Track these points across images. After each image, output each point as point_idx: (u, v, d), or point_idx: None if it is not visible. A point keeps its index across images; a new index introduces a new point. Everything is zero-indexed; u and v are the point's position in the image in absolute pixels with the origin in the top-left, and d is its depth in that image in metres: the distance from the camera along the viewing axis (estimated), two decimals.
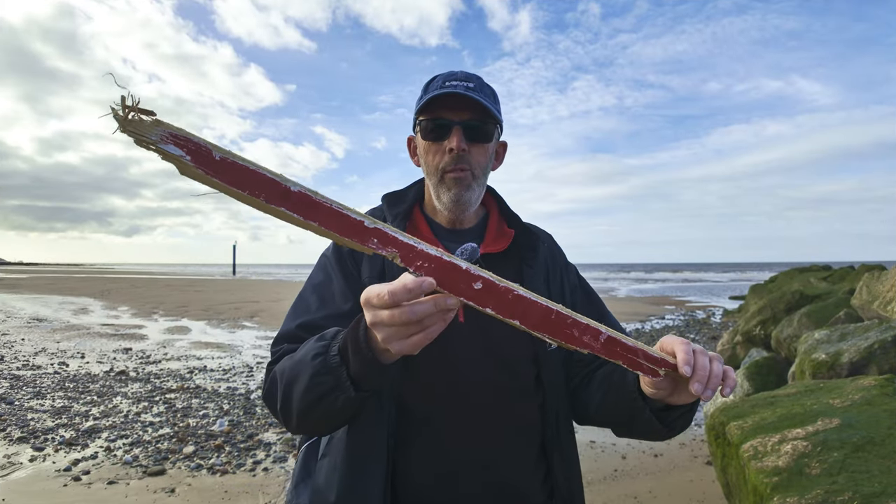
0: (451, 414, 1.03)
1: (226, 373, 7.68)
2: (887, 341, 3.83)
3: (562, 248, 1.30)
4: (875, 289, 5.40)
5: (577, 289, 1.25)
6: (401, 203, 1.18)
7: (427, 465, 1.02)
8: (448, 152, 1.08)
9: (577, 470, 1.15)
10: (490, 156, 1.14)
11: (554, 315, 0.73)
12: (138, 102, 0.58)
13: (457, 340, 1.02)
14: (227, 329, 12.66)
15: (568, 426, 1.15)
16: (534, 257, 1.17)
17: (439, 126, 1.09)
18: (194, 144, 0.60)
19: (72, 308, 17.51)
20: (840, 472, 2.12)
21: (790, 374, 4.97)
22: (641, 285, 38.39)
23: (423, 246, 0.69)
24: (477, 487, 1.02)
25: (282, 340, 1.06)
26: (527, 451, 1.08)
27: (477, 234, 1.18)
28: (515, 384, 1.07)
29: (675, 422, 0.97)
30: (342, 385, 0.84)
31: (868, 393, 2.72)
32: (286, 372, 0.94)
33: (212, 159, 0.61)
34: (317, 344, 0.89)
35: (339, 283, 1.09)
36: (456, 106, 1.08)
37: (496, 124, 1.13)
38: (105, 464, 4.22)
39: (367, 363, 0.80)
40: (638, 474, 4.09)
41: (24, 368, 7.71)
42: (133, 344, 10.15)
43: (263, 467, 4.22)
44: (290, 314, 1.10)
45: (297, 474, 1.13)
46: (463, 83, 1.09)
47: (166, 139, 0.59)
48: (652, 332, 12.22)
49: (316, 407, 0.88)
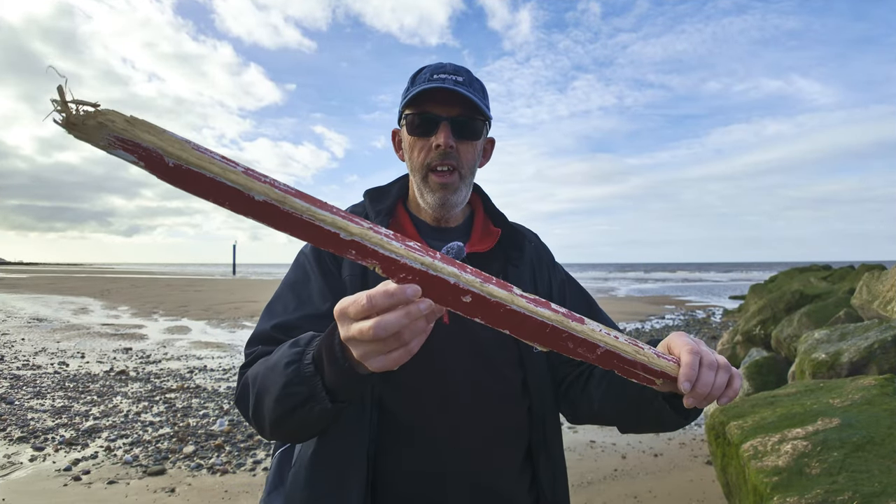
0: (437, 419, 0.99)
1: (226, 372, 7.68)
2: (887, 341, 3.83)
3: (548, 247, 1.27)
4: (875, 288, 5.40)
5: (566, 283, 1.22)
6: (384, 199, 1.14)
7: (412, 473, 0.98)
8: (435, 148, 1.04)
9: (563, 475, 1.13)
10: (478, 153, 1.11)
11: (549, 329, 0.70)
12: (71, 99, 0.51)
13: (442, 343, 0.98)
14: (227, 329, 12.66)
15: (555, 430, 1.12)
16: (520, 257, 1.15)
17: (426, 121, 1.05)
18: (143, 150, 0.54)
19: (72, 308, 17.51)
20: (840, 471, 2.12)
21: (790, 374, 4.97)
22: (641, 285, 38.39)
23: (407, 259, 0.64)
24: (464, 494, 0.98)
25: (256, 342, 1.01)
26: (513, 457, 1.05)
27: (462, 233, 1.15)
28: (502, 388, 1.04)
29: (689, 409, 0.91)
30: (317, 396, 0.78)
31: (868, 393, 2.72)
32: (258, 378, 0.88)
33: (164, 165, 0.55)
34: (290, 350, 0.83)
35: (316, 282, 1.04)
36: (444, 100, 1.04)
37: (485, 121, 1.09)
38: (105, 463, 4.22)
39: (343, 373, 0.74)
40: (638, 474, 4.09)
41: (24, 368, 7.71)
42: (133, 344, 10.15)
43: (263, 467, 4.22)
44: (265, 314, 1.05)
45: (271, 481, 1.07)
46: (452, 77, 1.05)
47: (114, 144, 0.53)
48: (652, 332, 12.22)
49: (290, 417, 0.82)
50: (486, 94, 1.12)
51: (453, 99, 1.04)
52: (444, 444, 0.99)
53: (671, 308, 18.93)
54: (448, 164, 1.05)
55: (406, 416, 0.99)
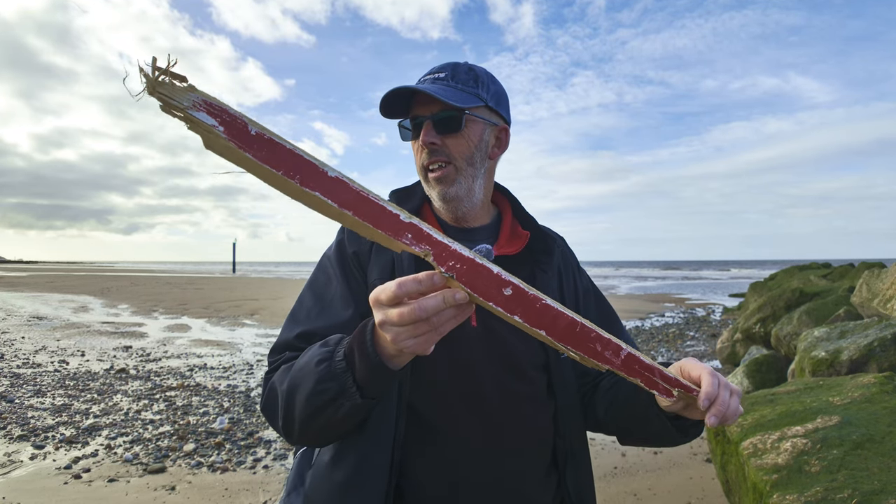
0: (464, 419, 0.99)
1: (226, 370, 7.69)
2: (887, 339, 3.84)
3: (574, 252, 1.27)
4: (875, 286, 5.40)
5: (590, 293, 1.22)
6: (410, 200, 1.13)
7: (438, 476, 0.98)
8: (422, 149, 1.05)
9: (590, 480, 1.12)
10: (474, 144, 1.05)
11: (579, 328, 0.71)
12: (174, 64, 0.54)
13: (469, 346, 0.99)
14: (227, 327, 12.66)
15: (581, 436, 1.12)
16: (549, 262, 1.13)
17: (412, 125, 1.06)
18: (229, 115, 0.56)
19: (72, 306, 17.50)
20: (840, 469, 2.12)
21: (790, 372, 4.97)
22: (641, 283, 38.39)
23: (457, 246, 0.66)
24: (488, 498, 0.99)
25: (280, 350, 1.02)
26: (539, 460, 1.05)
27: (489, 234, 1.14)
28: (529, 391, 1.04)
29: (690, 428, 0.95)
30: (347, 391, 0.81)
31: (868, 391, 2.73)
32: (287, 380, 0.90)
33: (247, 133, 0.57)
34: (321, 350, 0.86)
35: (339, 287, 1.05)
36: (425, 101, 1.04)
37: (462, 112, 1.03)
38: (105, 462, 4.23)
39: (374, 368, 0.78)
40: (638, 471, 4.10)
41: (24, 366, 7.71)
42: (133, 342, 10.15)
43: (264, 465, 4.23)
44: (288, 321, 1.06)
45: (291, 482, 1.09)
46: (432, 76, 1.06)
47: (199, 106, 0.55)
48: (651, 330, 12.22)
49: (320, 414, 0.85)
50: (478, 83, 1.07)
51: (430, 98, 1.03)
52: (469, 446, 0.99)
53: (671, 306, 18.93)
54: (438, 161, 1.04)
55: (433, 416, 0.99)
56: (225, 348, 9.59)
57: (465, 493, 0.98)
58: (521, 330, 0.70)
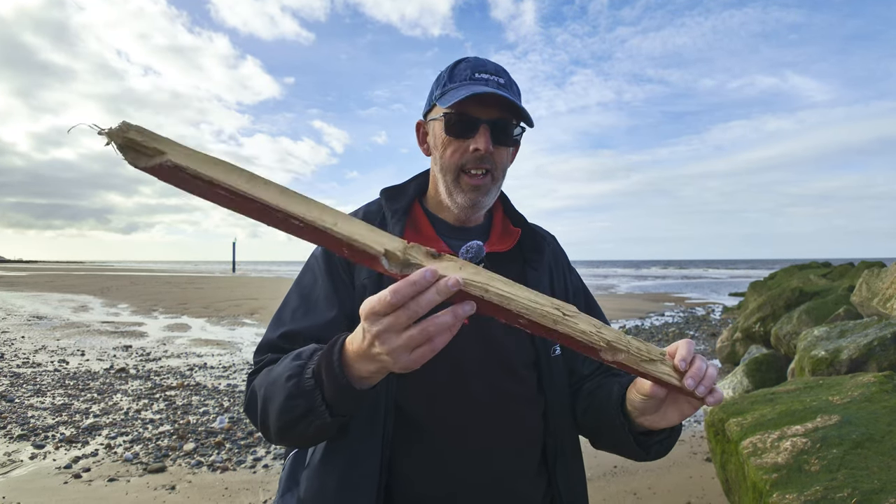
0: (453, 418, 0.99)
1: (226, 370, 7.69)
2: (887, 338, 3.84)
3: (564, 250, 1.27)
4: (875, 286, 5.40)
5: (580, 292, 1.22)
6: (400, 198, 1.12)
7: (427, 474, 0.98)
8: (472, 151, 1.01)
9: (581, 478, 1.12)
10: (512, 158, 1.09)
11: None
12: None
13: (459, 343, 0.96)
14: (227, 326, 12.66)
15: (572, 435, 1.12)
16: (539, 260, 1.14)
17: (466, 122, 1.01)
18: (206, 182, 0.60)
19: (71, 305, 17.50)
20: (839, 468, 2.12)
21: (790, 371, 4.97)
22: (641, 282, 38.40)
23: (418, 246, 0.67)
24: (479, 496, 0.98)
25: (264, 350, 1.02)
26: (529, 459, 1.05)
27: (481, 233, 1.14)
28: (519, 389, 1.04)
29: (653, 447, 0.96)
30: (316, 410, 0.79)
31: (867, 390, 2.73)
32: (263, 388, 0.90)
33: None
34: (292, 364, 0.84)
35: (324, 287, 1.04)
36: (484, 101, 1.00)
37: (524, 127, 1.06)
38: (105, 461, 4.23)
39: (341, 388, 0.76)
40: (637, 471, 4.10)
41: (24, 366, 7.71)
42: (133, 341, 10.15)
43: (264, 464, 4.23)
44: (273, 321, 1.06)
45: (284, 483, 1.08)
46: (494, 77, 1.03)
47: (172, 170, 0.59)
48: (651, 329, 12.22)
49: (293, 427, 0.84)
50: (520, 96, 1.09)
51: (494, 100, 1.00)
52: (458, 444, 0.99)
53: (671, 305, 18.94)
54: (483, 168, 1.03)
55: (422, 415, 0.99)
56: (225, 347, 9.59)
57: (454, 492, 0.98)
58: (511, 324, 0.70)
